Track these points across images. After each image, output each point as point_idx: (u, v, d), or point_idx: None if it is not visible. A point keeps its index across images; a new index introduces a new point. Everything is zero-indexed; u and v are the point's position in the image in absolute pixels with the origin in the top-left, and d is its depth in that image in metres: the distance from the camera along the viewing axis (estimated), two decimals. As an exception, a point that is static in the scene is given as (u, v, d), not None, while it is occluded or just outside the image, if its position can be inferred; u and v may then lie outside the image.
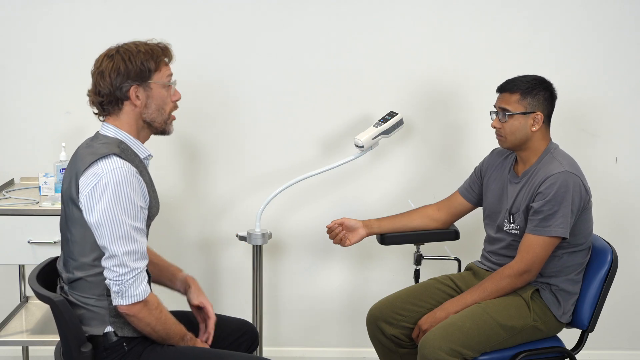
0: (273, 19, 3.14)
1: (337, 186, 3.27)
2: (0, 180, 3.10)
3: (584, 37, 3.17)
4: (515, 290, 2.49)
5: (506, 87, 2.52)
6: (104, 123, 2.12)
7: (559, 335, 2.56)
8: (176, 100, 2.16)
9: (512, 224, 2.54)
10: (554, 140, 2.57)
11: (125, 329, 2.06)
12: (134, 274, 1.98)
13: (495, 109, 2.55)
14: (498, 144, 2.59)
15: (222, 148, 3.24)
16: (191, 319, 2.32)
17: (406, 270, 3.14)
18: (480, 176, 2.74)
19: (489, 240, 2.68)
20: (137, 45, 2.08)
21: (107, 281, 1.99)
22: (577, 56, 3.18)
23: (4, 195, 2.92)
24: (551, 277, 2.50)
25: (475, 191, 2.75)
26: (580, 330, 2.56)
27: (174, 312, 2.16)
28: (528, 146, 2.52)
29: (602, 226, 2.84)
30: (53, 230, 2.63)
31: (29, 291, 3.07)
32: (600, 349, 3.36)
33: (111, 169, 1.97)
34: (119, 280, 1.97)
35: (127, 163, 2.01)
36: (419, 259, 2.89)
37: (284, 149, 3.23)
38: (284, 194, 2.96)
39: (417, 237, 2.82)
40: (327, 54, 3.16)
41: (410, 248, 2.91)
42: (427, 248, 2.89)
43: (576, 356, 2.52)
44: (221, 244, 3.30)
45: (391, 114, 2.85)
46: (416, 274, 2.92)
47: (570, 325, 2.57)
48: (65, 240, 2.09)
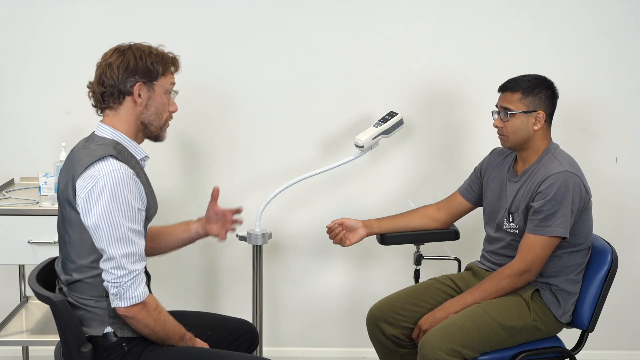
0: (273, 19, 3.13)
1: (337, 186, 3.27)
2: (0, 180, 3.10)
3: (584, 37, 3.17)
4: (515, 290, 2.49)
5: (508, 87, 2.52)
6: (100, 123, 2.12)
7: (559, 335, 2.56)
8: (172, 111, 2.18)
9: (512, 223, 2.54)
10: (555, 140, 2.57)
11: (124, 330, 2.06)
12: (132, 276, 1.98)
13: (497, 109, 2.55)
14: (499, 144, 2.59)
15: (222, 148, 3.24)
16: (190, 318, 2.31)
17: (406, 270, 3.14)
18: (480, 176, 2.74)
19: (488, 240, 2.68)
20: (150, 47, 2.12)
21: (106, 283, 1.99)
22: (577, 56, 3.18)
23: (4, 195, 2.92)
24: (551, 277, 2.50)
25: (475, 191, 2.75)
26: (580, 330, 2.56)
27: (172, 312, 2.16)
28: (529, 145, 2.52)
29: (602, 226, 2.84)
30: (53, 230, 2.61)
31: (29, 291, 3.07)
32: (600, 349, 3.36)
33: (108, 171, 1.97)
34: (117, 283, 1.97)
35: (124, 165, 2.01)
36: (419, 259, 2.89)
37: (284, 149, 3.23)
38: (284, 194, 2.96)
39: (417, 237, 2.83)
40: (327, 54, 3.16)
41: (410, 248, 2.91)
42: (427, 248, 2.89)
43: (576, 356, 2.52)
44: (221, 244, 3.30)
45: (391, 114, 2.85)
46: (416, 274, 2.92)
47: (570, 325, 2.57)
48: (63, 242, 2.09)
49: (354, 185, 3.28)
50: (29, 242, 2.74)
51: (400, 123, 2.84)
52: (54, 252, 2.31)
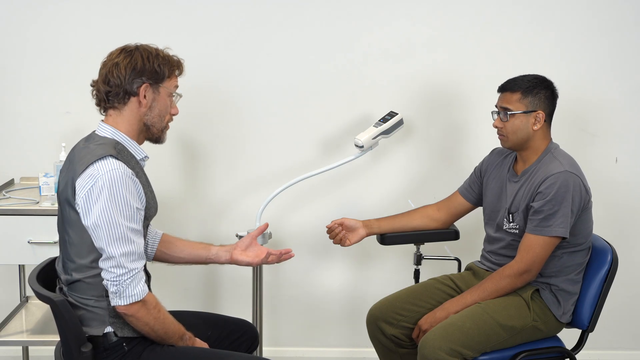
0: (273, 19, 3.13)
1: (337, 186, 3.27)
2: (0, 180, 3.10)
3: (584, 38, 3.16)
4: (515, 290, 2.49)
5: (507, 87, 2.52)
6: (101, 123, 2.12)
7: (559, 335, 2.56)
8: (174, 114, 2.19)
9: (512, 223, 2.54)
10: (555, 140, 2.57)
11: (125, 330, 2.06)
12: (131, 275, 1.98)
13: (496, 109, 2.55)
14: (499, 144, 2.59)
15: (222, 148, 3.24)
16: (190, 318, 2.31)
17: (406, 270, 3.14)
18: (480, 176, 2.74)
19: (488, 240, 2.68)
20: (157, 50, 2.13)
21: (105, 282, 2.00)
22: (577, 56, 3.18)
23: (4, 195, 2.92)
24: (551, 277, 2.50)
25: (475, 191, 2.75)
26: (580, 330, 2.56)
27: (172, 312, 2.16)
28: (529, 145, 2.52)
29: (602, 226, 2.84)
30: (53, 230, 2.62)
31: (29, 291, 3.07)
32: (600, 349, 3.36)
33: (107, 170, 1.97)
34: (116, 281, 1.97)
35: (123, 164, 2.01)
36: (419, 259, 2.89)
37: (284, 149, 3.23)
38: (284, 194, 2.96)
39: (417, 237, 2.83)
40: (327, 54, 3.16)
41: (410, 248, 2.90)
42: (427, 248, 2.89)
43: (576, 356, 2.52)
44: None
45: (391, 114, 2.85)
46: (416, 274, 2.92)
47: (570, 325, 2.57)
48: (63, 242, 2.09)
49: (354, 185, 3.28)
50: (28, 242, 2.74)
51: (400, 123, 2.84)
52: (54, 252, 2.31)
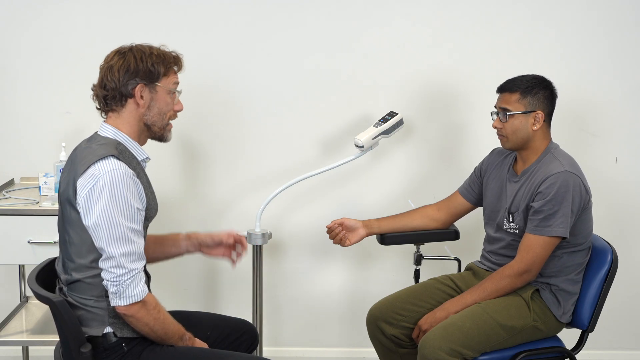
0: (273, 20, 3.13)
1: (337, 186, 3.27)
2: (0, 180, 3.10)
3: (584, 38, 3.16)
4: (515, 290, 2.49)
5: (506, 87, 2.52)
6: (103, 123, 2.13)
7: (559, 335, 2.56)
8: (178, 110, 2.18)
9: (512, 223, 2.54)
10: (555, 140, 2.57)
11: (124, 330, 2.06)
12: (131, 275, 1.98)
13: (495, 110, 2.55)
14: (499, 144, 2.59)
15: (222, 148, 3.24)
16: (190, 318, 2.31)
17: (406, 270, 3.14)
18: (480, 176, 2.74)
19: (488, 240, 2.68)
20: (151, 48, 2.11)
21: (105, 282, 2.00)
22: (577, 56, 3.18)
23: (4, 195, 2.92)
24: (551, 277, 2.50)
25: (475, 191, 2.75)
26: (580, 330, 2.56)
27: (172, 312, 2.16)
28: (529, 145, 2.52)
29: (602, 226, 2.84)
30: (53, 230, 2.62)
31: (29, 291, 3.06)
32: (600, 349, 3.36)
33: (108, 170, 1.98)
34: (116, 281, 1.97)
35: (124, 165, 2.01)
36: (419, 259, 2.89)
37: (284, 149, 3.23)
38: (284, 194, 2.96)
39: (417, 237, 2.82)
40: (327, 54, 3.16)
41: (410, 248, 2.90)
42: (427, 248, 2.89)
43: (576, 356, 2.52)
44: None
45: (391, 114, 2.85)
46: (416, 274, 2.92)
47: (570, 325, 2.57)
48: (63, 242, 2.09)
49: (354, 185, 3.28)
50: (28, 242, 2.74)
51: (400, 123, 2.84)
52: (54, 252, 2.31)
